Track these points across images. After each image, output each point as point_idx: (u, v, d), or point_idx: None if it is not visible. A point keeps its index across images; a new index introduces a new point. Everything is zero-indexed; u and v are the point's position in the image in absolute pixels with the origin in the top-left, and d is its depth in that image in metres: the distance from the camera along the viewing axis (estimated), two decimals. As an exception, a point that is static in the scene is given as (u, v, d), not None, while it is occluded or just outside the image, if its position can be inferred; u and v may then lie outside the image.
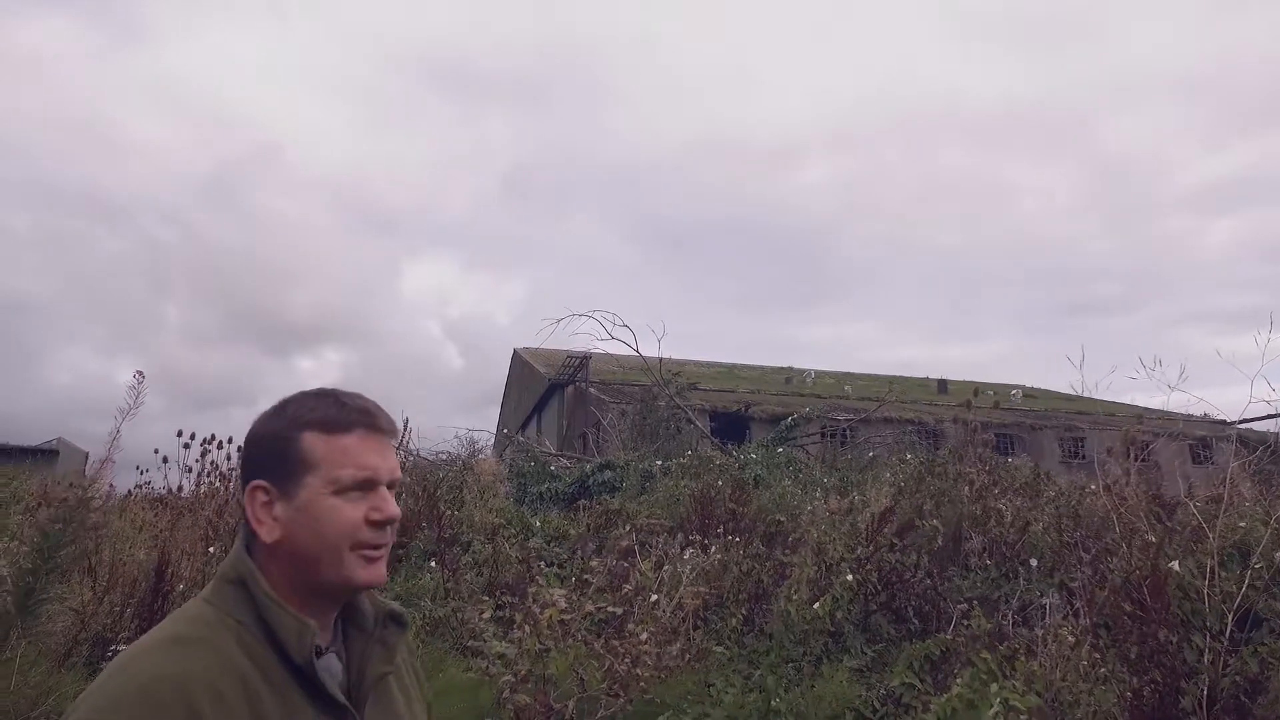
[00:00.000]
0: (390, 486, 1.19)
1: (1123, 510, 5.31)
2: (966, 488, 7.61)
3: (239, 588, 1.12)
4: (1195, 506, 5.24)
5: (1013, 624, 5.22)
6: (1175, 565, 4.24)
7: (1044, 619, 4.67)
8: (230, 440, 9.31)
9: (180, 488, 9.10)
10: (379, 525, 1.14)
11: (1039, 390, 40.87)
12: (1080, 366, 6.22)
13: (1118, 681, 3.40)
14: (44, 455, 16.57)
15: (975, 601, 5.22)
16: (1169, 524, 5.25)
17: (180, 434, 9.24)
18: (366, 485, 1.15)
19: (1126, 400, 27.48)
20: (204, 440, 9.47)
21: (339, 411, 1.17)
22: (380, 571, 1.16)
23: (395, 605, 1.28)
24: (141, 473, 10.49)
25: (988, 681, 3.31)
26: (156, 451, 9.24)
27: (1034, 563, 6.37)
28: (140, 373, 4.35)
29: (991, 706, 3.20)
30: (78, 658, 4.71)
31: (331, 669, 1.14)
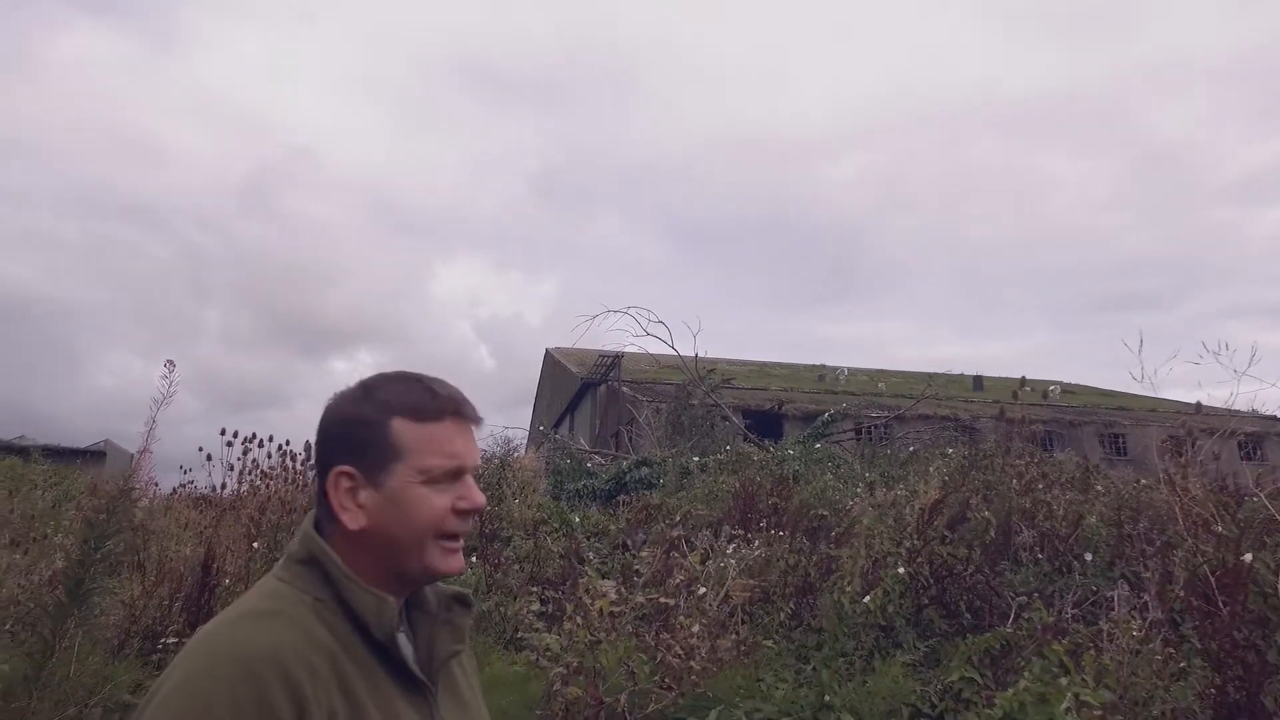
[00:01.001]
0: (475, 477, 1.19)
1: (1186, 502, 5.11)
2: (1014, 480, 7.42)
3: (311, 567, 1.11)
4: (1264, 499, 5.04)
5: (1070, 619, 5.06)
6: (1248, 558, 4.07)
7: (1108, 613, 4.50)
8: (270, 439, 9.45)
9: (223, 485, 9.24)
10: (464, 514, 1.13)
11: (1077, 386, 40.06)
12: (1139, 352, 6.00)
13: (1198, 678, 3.24)
14: (92, 456, 16.94)
15: (1034, 594, 5.06)
16: (1236, 517, 5.05)
17: (223, 432, 9.37)
18: (455, 474, 1.13)
19: (1168, 396, 26.82)
20: (245, 439, 9.61)
21: (430, 399, 1.14)
22: (460, 560, 1.15)
23: (457, 588, 1.27)
24: (185, 471, 10.68)
25: (1058, 675, 3.18)
26: (201, 449, 9.39)
27: (1089, 557, 6.18)
28: (171, 362, 4.35)
29: (1063, 701, 3.06)
30: (130, 650, 4.76)
31: (406, 649, 1.13)
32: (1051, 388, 35.89)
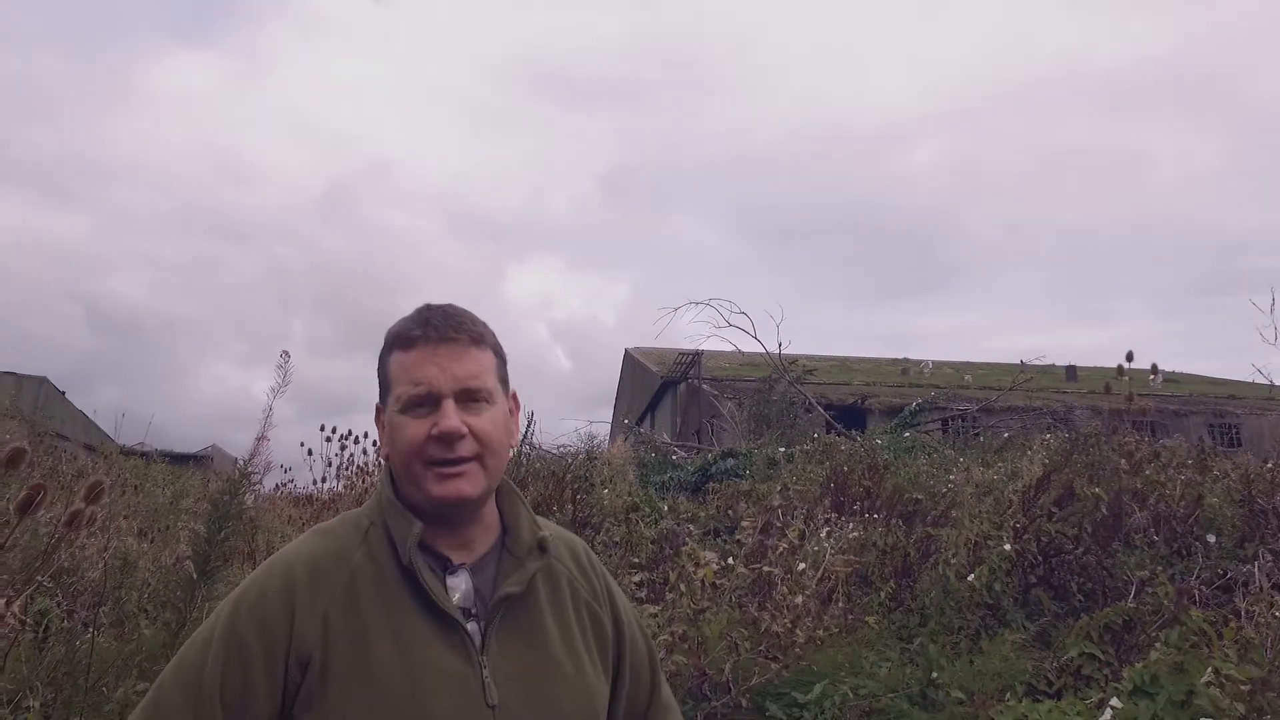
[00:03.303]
0: (468, 398, 1.15)
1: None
2: (1123, 460, 7.05)
3: (377, 495, 1.21)
4: None
5: (1199, 600, 4.77)
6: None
7: (1244, 591, 4.22)
8: (365, 435, 9.84)
9: (323, 479, 9.68)
10: (440, 441, 1.12)
11: (1181, 374, 37.83)
12: (1271, 311, 5.60)
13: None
14: (200, 460, 17.92)
15: (1159, 569, 4.79)
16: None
17: (323, 428, 9.82)
18: (428, 400, 1.14)
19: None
20: (341, 436, 10.04)
21: (406, 327, 1.19)
22: (458, 487, 1.13)
23: (546, 534, 1.25)
24: (285, 471, 11.23)
25: (1197, 644, 2.98)
26: (302, 444, 9.86)
27: (1212, 538, 5.84)
28: (286, 352, 4.53)
29: (1204, 673, 2.87)
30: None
31: (460, 585, 1.15)
32: (1153, 376, 33.99)
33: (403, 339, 1.18)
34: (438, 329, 1.17)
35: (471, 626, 1.12)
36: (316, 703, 1.04)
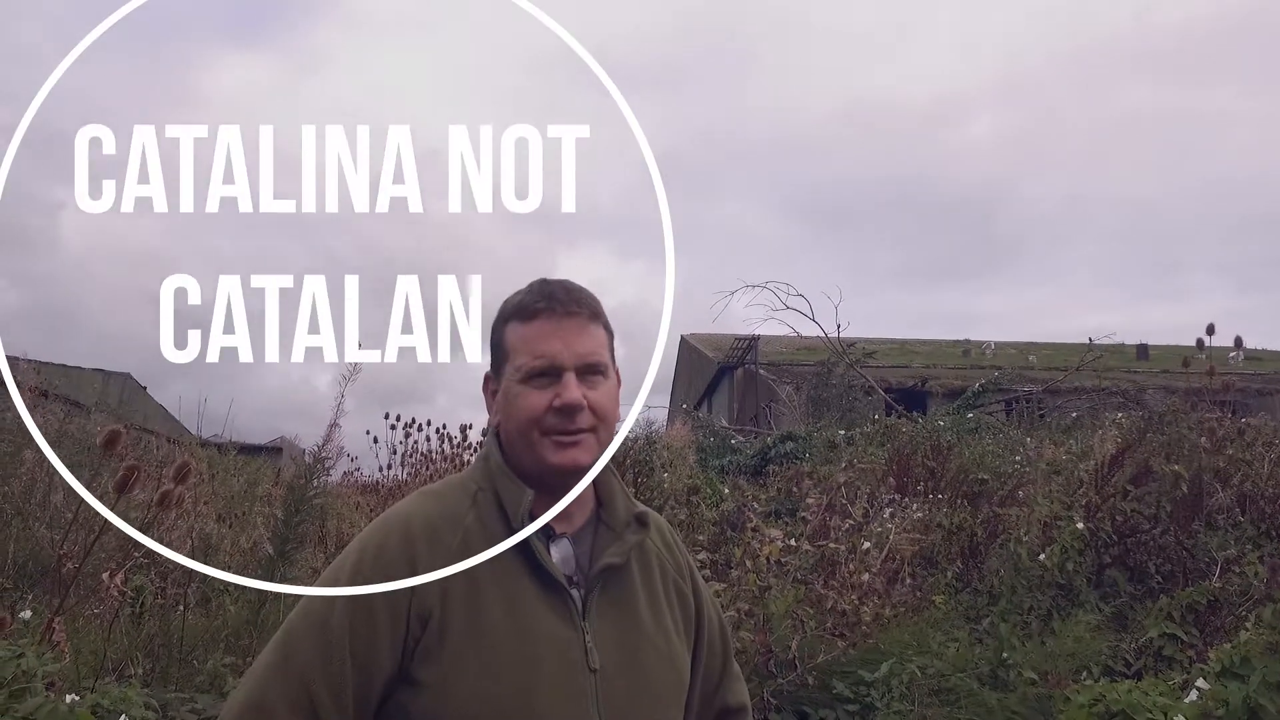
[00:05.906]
0: (587, 371, 1.18)
1: None
2: (1204, 438, 6.77)
3: (484, 461, 1.23)
4: None
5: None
6: None
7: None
8: (429, 423, 10.04)
9: (389, 465, 9.91)
10: (561, 412, 1.14)
11: (1266, 352, 36.01)
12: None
13: None
14: (270, 452, 18.59)
15: (1246, 549, 4.60)
16: None
17: (387, 416, 10.05)
18: (550, 372, 1.16)
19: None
20: (405, 424, 10.25)
21: (527, 299, 1.21)
22: (574, 455, 1.16)
23: (645, 508, 1.28)
24: (352, 460, 11.51)
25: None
26: (368, 433, 10.11)
27: (1303, 518, 5.57)
28: (360, 342, 4.66)
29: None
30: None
31: (564, 553, 1.19)
32: (1232, 354, 32.43)
33: (524, 311, 1.20)
34: (561, 303, 1.19)
35: (574, 593, 1.16)
36: (434, 660, 1.07)
